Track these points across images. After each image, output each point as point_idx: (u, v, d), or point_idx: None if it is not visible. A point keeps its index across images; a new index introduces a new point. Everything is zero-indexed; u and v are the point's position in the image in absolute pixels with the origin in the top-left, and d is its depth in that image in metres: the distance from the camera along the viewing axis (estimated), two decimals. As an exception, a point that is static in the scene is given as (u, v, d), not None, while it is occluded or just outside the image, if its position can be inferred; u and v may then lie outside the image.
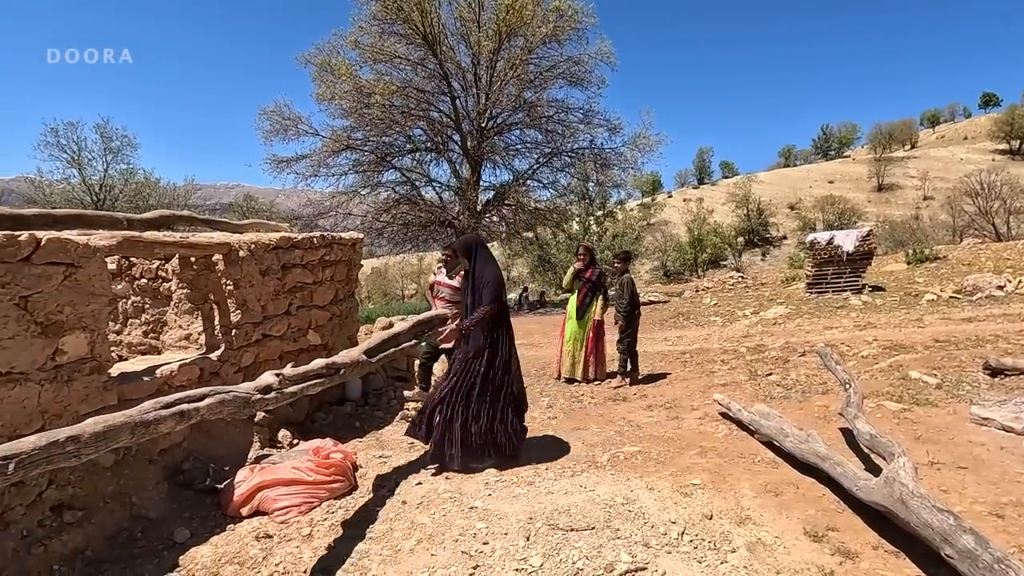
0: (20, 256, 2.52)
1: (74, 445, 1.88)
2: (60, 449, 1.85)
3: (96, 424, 1.97)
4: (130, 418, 2.08)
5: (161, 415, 2.20)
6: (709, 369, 6.46)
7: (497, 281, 3.78)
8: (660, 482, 3.32)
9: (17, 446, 1.77)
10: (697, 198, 58.49)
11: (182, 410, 2.29)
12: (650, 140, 17.80)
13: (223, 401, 2.51)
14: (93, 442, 1.94)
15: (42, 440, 1.81)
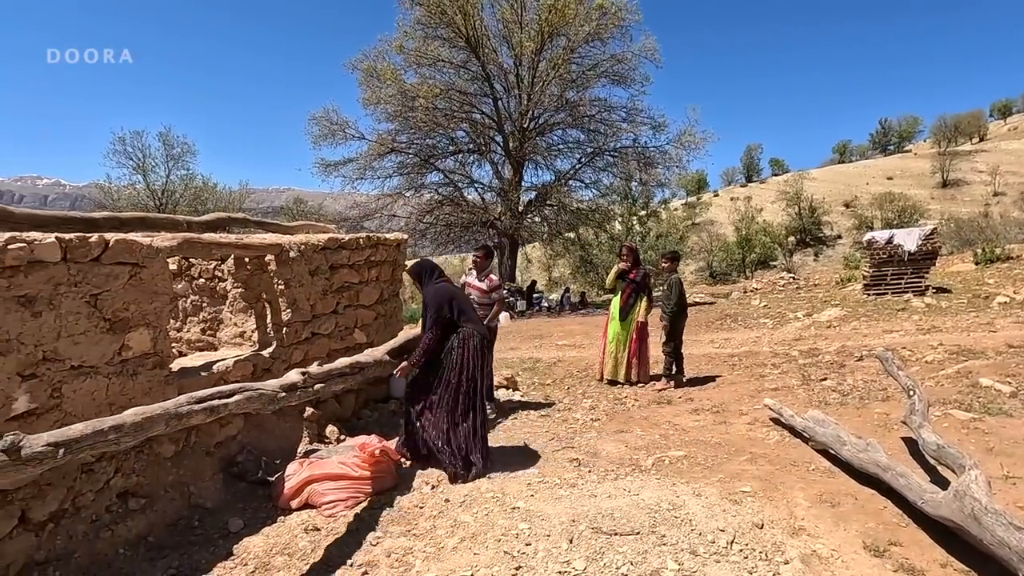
0: (91, 256, 2.68)
1: (116, 434, 1.99)
2: (103, 437, 1.95)
3: (136, 415, 2.08)
4: (165, 411, 2.18)
5: (193, 409, 2.31)
6: (759, 373, 6.23)
7: (435, 304, 3.76)
8: (707, 488, 3.22)
9: (66, 433, 1.88)
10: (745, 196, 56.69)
11: (212, 405, 2.39)
12: (696, 137, 17.37)
13: (250, 398, 2.60)
14: (132, 431, 2.04)
15: (88, 428, 1.92)
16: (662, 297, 6.14)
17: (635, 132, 18.00)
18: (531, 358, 8.34)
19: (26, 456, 1.76)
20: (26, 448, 1.77)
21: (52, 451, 1.81)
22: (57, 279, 2.53)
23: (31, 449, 1.78)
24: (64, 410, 2.57)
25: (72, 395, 2.60)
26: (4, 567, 2.35)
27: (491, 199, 19.02)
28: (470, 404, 3.71)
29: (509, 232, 17.82)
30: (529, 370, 7.36)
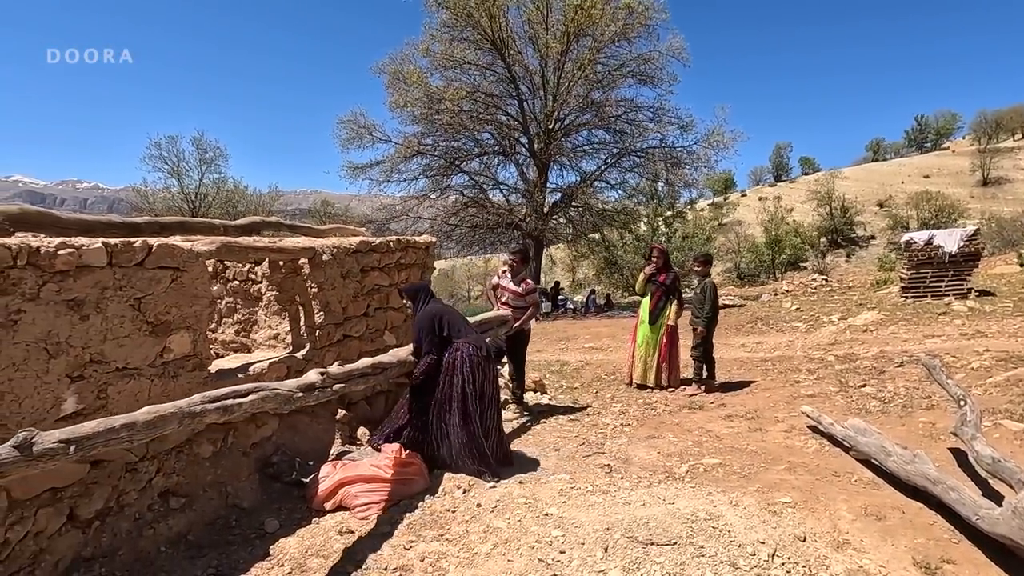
0: (135, 261, 2.75)
1: (128, 432, 2.03)
2: (115, 435, 1.99)
3: (148, 413, 2.12)
4: (179, 409, 2.21)
5: (207, 408, 2.33)
6: (794, 379, 6.08)
7: (428, 327, 3.73)
8: (745, 498, 3.14)
9: (77, 430, 1.92)
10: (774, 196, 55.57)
11: (226, 405, 2.41)
12: (724, 137, 17.08)
13: (265, 398, 2.61)
14: (145, 429, 2.08)
15: (100, 426, 1.96)
16: (694, 301, 6.04)
17: (662, 132, 17.81)
18: (558, 361, 8.30)
19: (37, 452, 1.80)
20: (38, 445, 1.81)
21: (63, 448, 1.85)
22: (104, 283, 2.60)
23: (42, 446, 1.82)
24: (109, 411, 2.63)
25: (117, 396, 2.67)
26: (54, 563, 2.42)
27: (516, 201, 19.01)
28: (470, 414, 3.65)
29: (534, 234, 17.78)
30: (556, 373, 7.32)
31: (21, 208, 2.74)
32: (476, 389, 3.67)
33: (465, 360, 3.67)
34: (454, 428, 3.67)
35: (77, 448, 1.90)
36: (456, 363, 3.68)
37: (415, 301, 3.98)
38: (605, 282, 31.60)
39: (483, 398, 3.71)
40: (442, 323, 3.78)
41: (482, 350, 3.79)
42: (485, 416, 3.71)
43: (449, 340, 3.75)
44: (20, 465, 1.78)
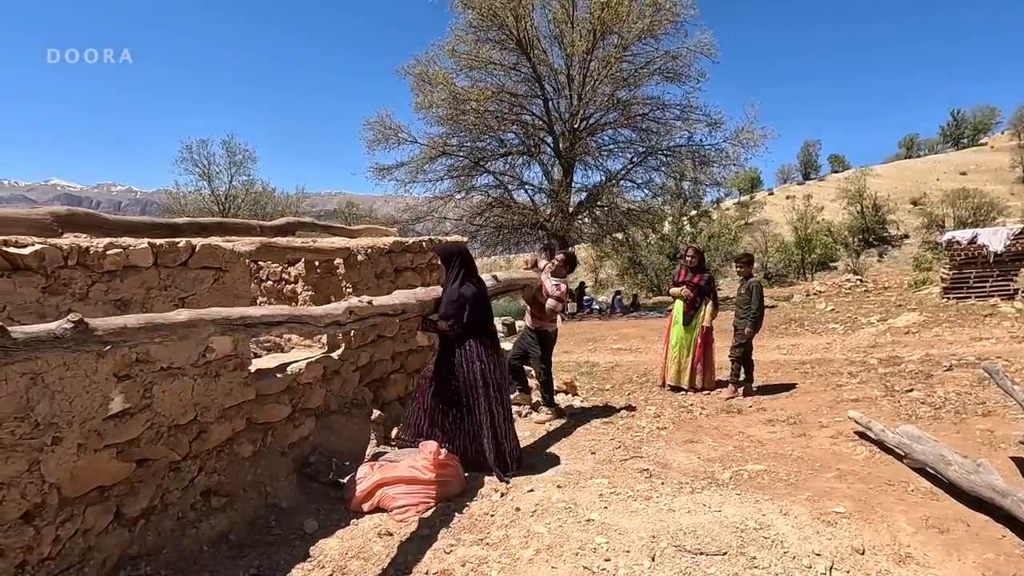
0: (179, 261, 2.76)
1: (163, 332, 2.06)
2: (152, 333, 2.03)
3: (181, 314, 2.15)
4: (213, 318, 2.22)
5: (246, 319, 2.36)
6: (835, 382, 5.88)
7: (448, 304, 3.65)
8: (795, 507, 3.02)
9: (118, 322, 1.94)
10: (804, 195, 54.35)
11: (257, 326, 2.43)
12: (755, 134, 16.68)
13: (292, 328, 2.66)
14: (180, 328, 2.10)
15: (140, 321, 2.00)
16: (738, 301, 5.86)
17: (690, 130, 17.48)
18: (587, 362, 8.20)
19: (91, 328, 1.85)
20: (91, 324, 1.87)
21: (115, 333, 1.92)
22: (149, 283, 2.62)
23: (94, 326, 1.87)
24: (154, 410, 2.65)
25: (162, 395, 2.68)
26: (102, 560, 2.44)
27: (541, 201, 18.92)
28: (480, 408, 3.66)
29: (559, 233, 17.65)
30: (587, 374, 7.22)
31: (70, 210, 2.78)
32: (489, 384, 3.67)
33: (479, 356, 3.66)
34: (469, 422, 3.68)
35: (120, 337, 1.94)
36: (471, 357, 3.66)
37: (448, 264, 3.83)
38: (629, 282, 31.30)
39: (496, 394, 3.70)
40: (465, 312, 3.70)
41: (494, 347, 3.78)
42: (497, 412, 3.70)
43: (466, 334, 3.71)
44: (69, 343, 1.80)
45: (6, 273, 2.11)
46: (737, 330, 5.78)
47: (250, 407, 3.21)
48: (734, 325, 5.89)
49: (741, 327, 5.77)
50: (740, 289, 5.92)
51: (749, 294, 5.75)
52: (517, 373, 5.37)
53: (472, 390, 3.67)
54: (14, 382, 2.13)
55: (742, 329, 5.74)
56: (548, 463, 3.93)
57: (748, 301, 5.74)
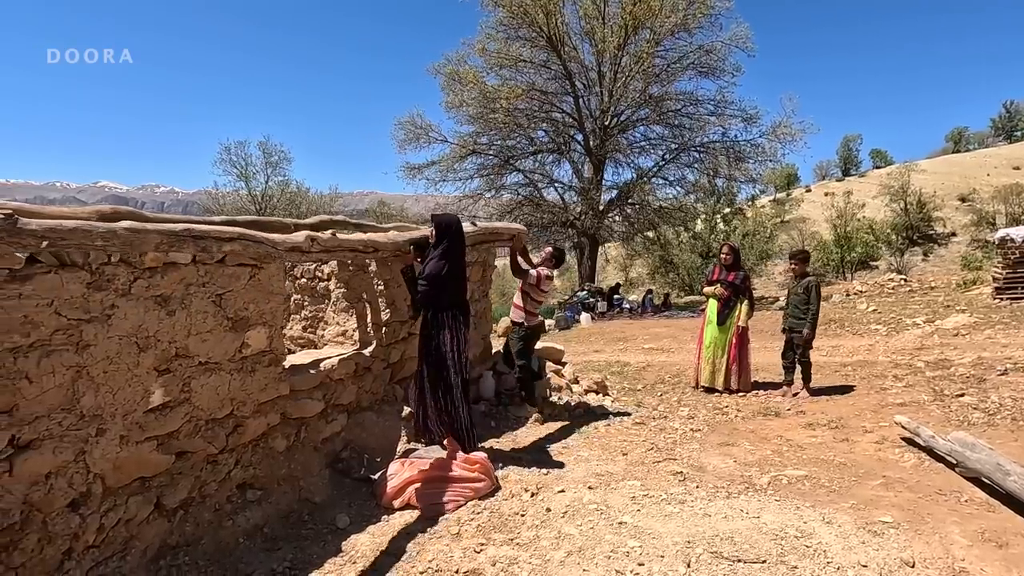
0: (216, 259, 2.81)
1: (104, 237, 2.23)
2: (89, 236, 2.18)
3: (122, 224, 2.32)
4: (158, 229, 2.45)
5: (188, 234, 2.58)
6: (879, 385, 5.65)
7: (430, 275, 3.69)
8: (839, 515, 2.89)
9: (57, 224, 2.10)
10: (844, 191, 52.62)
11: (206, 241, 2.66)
12: (792, 129, 16.24)
13: (246, 246, 2.88)
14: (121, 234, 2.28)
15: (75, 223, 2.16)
16: (794, 301, 5.60)
17: (724, 126, 17.14)
18: (618, 361, 8.09)
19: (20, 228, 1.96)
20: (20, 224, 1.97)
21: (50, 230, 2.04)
22: (188, 280, 2.67)
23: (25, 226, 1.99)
24: (193, 403, 2.71)
25: (200, 390, 2.74)
26: (143, 549, 2.50)
27: (571, 199, 18.80)
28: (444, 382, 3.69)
29: (589, 231, 17.52)
30: (617, 374, 7.12)
31: (114, 209, 2.86)
32: (458, 357, 3.71)
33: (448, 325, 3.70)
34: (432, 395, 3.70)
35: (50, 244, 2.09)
36: (440, 325, 3.69)
37: (441, 235, 3.79)
38: (660, 281, 30.85)
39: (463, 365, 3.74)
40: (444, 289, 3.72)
41: (464, 319, 3.82)
42: (463, 383, 3.73)
43: (441, 306, 3.73)
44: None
45: (54, 269, 2.18)
46: (794, 332, 5.56)
47: (284, 402, 3.25)
48: (787, 327, 5.67)
49: (798, 329, 5.55)
50: (795, 288, 5.67)
51: (807, 293, 5.51)
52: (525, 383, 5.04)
53: (443, 360, 3.69)
54: (61, 375, 2.20)
55: (799, 331, 5.52)
56: (579, 464, 3.88)
57: (806, 301, 5.50)
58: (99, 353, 2.32)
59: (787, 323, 5.73)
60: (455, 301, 3.80)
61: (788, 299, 5.84)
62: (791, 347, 5.70)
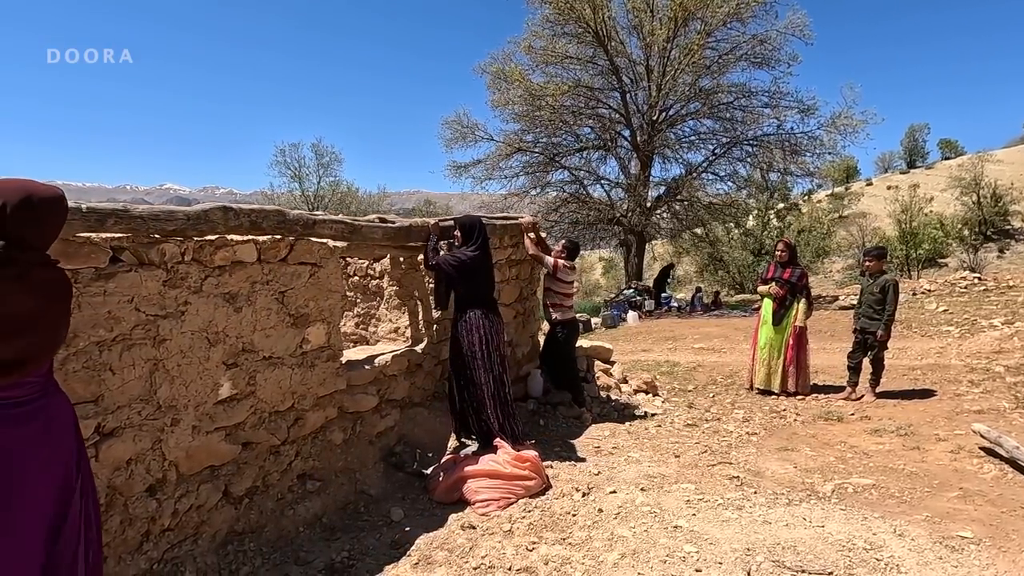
0: (279, 257, 2.92)
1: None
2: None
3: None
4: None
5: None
6: (952, 391, 5.31)
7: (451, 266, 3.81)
8: (911, 528, 2.74)
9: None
10: (908, 184, 49.67)
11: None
12: (853, 120, 15.40)
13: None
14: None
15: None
16: (868, 301, 5.34)
17: (779, 118, 16.41)
18: (667, 361, 7.93)
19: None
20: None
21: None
22: (253, 278, 2.79)
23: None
24: (258, 396, 2.82)
25: (264, 383, 2.85)
26: (212, 534, 2.63)
27: (617, 196, 18.54)
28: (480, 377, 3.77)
29: (636, 228, 17.22)
30: (667, 374, 6.98)
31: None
32: (489, 353, 3.76)
33: (478, 327, 3.77)
34: (471, 392, 3.78)
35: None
36: (470, 328, 3.78)
37: (466, 236, 3.92)
38: (709, 279, 30.03)
39: (498, 364, 3.81)
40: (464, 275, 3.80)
41: (495, 317, 3.90)
42: (498, 381, 3.80)
43: (467, 301, 3.84)
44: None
45: (134, 267, 2.31)
46: (867, 332, 5.30)
47: (341, 396, 3.35)
48: (859, 327, 5.40)
49: (871, 329, 5.28)
50: (870, 287, 5.39)
51: (883, 293, 5.24)
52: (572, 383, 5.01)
53: (471, 360, 3.77)
54: (140, 367, 2.34)
55: (873, 331, 5.27)
56: (629, 465, 3.82)
57: (881, 301, 5.24)
58: (173, 347, 2.45)
59: (859, 323, 5.45)
60: (484, 300, 3.89)
61: (861, 298, 5.55)
62: (861, 348, 5.42)
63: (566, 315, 5.03)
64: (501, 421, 3.78)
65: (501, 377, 3.85)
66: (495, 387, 3.79)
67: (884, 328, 5.18)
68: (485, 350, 3.78)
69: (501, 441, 3.66)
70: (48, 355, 1.57)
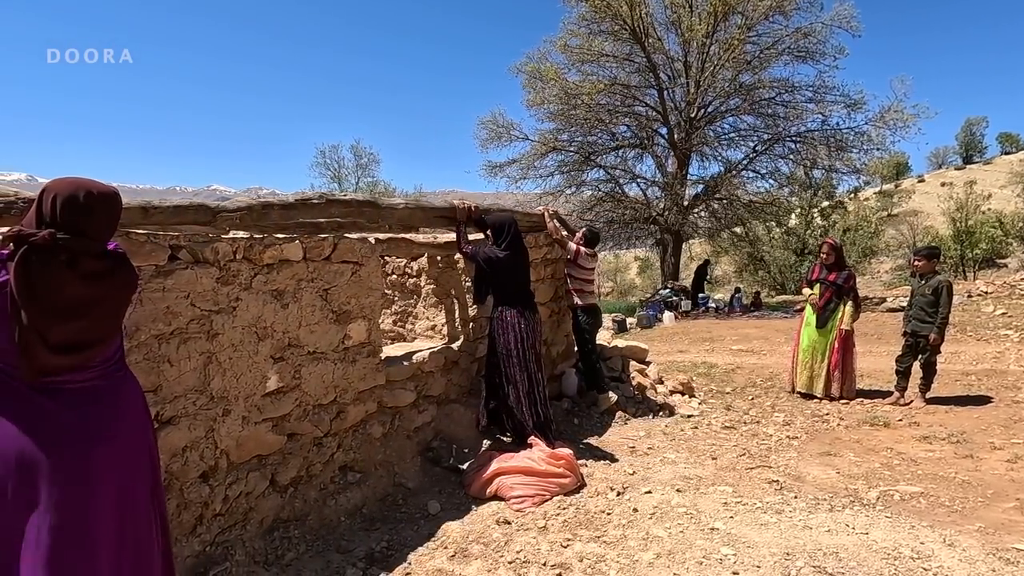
0: (323, 256, 3.03)
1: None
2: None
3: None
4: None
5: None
6: (1010, 398, 5.06)
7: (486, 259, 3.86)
8: (964, 538, 2.64)
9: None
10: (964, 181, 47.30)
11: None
12: (904, 114, 14.76)
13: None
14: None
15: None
16: (920, 303, 5.15)
17: (824, 113, 15.86)
18: (704, 363, 7.80)
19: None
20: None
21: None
22: (299, 275, 2.90)
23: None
24: (302, 390, 2.93)
25: (308, 377, 2.96)
26: (259, 520, 2.75)
27: (654, 194, 18.28)
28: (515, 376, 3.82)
29: (673, 228, 16.95)
30: (704, 376, 6.87)
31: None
32: (524, 351, 3.80)
33: (513, 326, 3.81)
34: (505, 389, 3.83)
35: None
36: (504, 327, 3.82)
37: (498, 235, 3.94)
38: (748, 279, 29.30)
39: (533, 362, 3.85)
40: (496, 272, 3.85)
41: (530, 314, 3.94)
42: (533, 380, 3.84)
43: (503, 298, 3.89)
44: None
45: (190, 266, 2.44)
46: (918, 336, 5.13)
47: (380, 391, 3.44)
48: (910, 330, 5.22)
49: (923, 332, 5.10)
50: (922, 288, 5.19)
51: (936, 295, 5.04)
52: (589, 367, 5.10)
53: (506, 358, 3.82)
54: (195, 359, 2.46)
55: (924, 334, 5.08)
56: (665, 465, 3.79)
57: (934, 303, 5.05)
58: (225, 341, 2.57)
59: (909, 326, 5.24)
60: (519, 297, 3.94)
61: (911, 299, 5.34)
62: (911, 351, 5.22)
63: (587, 300, 5.16)
64: (536, 419, 3.81)
65: (536, 375, 3.88)
66: (529, 385, 3.84)
67: (937, 331, 4.97)
68: (520, 348, 3.82)
69: (536, 439, 3.69)
70: (104, 340, 1.64)
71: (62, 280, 1.50)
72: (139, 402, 1.74)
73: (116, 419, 1.62)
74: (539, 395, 3.89)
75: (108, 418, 1.60)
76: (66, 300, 1.51)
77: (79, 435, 1.53)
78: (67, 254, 1.51)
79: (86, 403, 1.57)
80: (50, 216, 1.52)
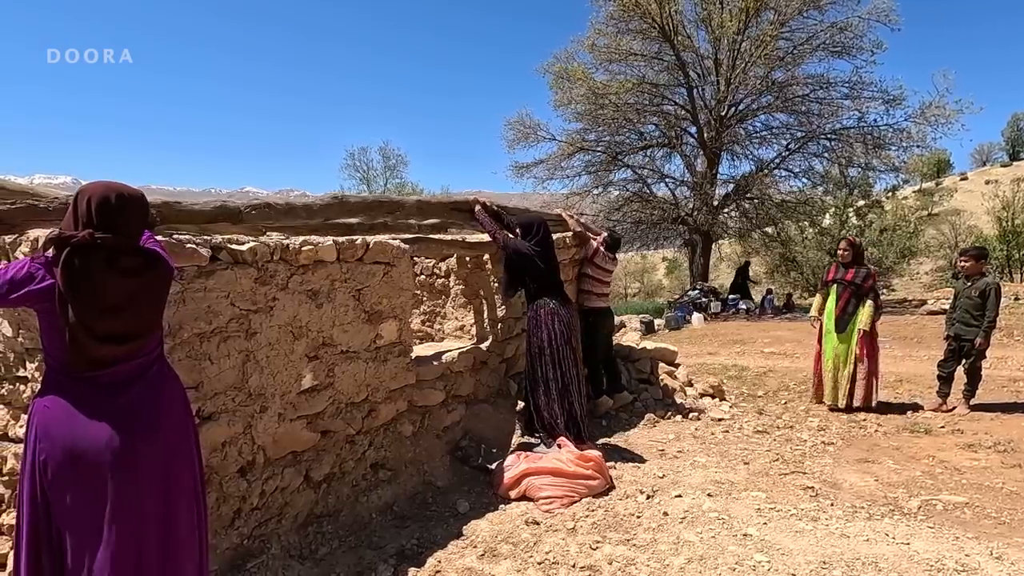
0: (356, 257, 3.08)
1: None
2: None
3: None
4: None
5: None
6: (1061, 405, 4.83)
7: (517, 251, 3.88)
8: (1012, 551, 2.54)
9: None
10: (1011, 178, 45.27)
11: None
12: (946, 110, 14.23)
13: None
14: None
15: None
16: (965, 305, 4.94)
17: (861, 109, 15.40)
18: (735, 365, 7.66)
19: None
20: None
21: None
22: (333, 276, 2.96)
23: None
24: (336, 388, 3.00)
25: (341, 376, 3.02)
26: (294, 515, 2.81)
27: (683, 194, 18.04)
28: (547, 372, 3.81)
29: (703, 228, 16.69)
30: (735, 379, 6.75)
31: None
32: (558, 347, 3.78)
33: (546, 322, 3.81)
34: (536, 386, 3.83)
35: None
36: (538, 323, 3.83)
37: (527, 234, 3.96)
38: (780, 280, 28.64)
39: (568, 356, 3.82)
40: (528, 264, 3.85)
41: (566, 307, 3.93)
42: (566, 376, 3.80)
43: (536, 294, 3.90)
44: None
45: (230, 266, 2.52)
46: (963, 340, 4.94)
47: (411, 391, 3.49)
48: (953, 333, 5.01)
49: (968, 336, 4.90)
50: (967, 291, 4.97)
51: (983, 298, 4.82)
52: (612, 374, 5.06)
53: (539, 356, 3.82)
54: (234, 357, 2.54)
55: (969, 339, 4.89)
56: (695, 469, 3.75)
57: (980, 306, 4.84)
58: (263, 340, 2.64)
59: (953, 329, 5.03)
60: (554, 288, 3.95)
61: (956, 302, 5.11)
62: (955, 356, 5.01)
63: (594, 303, 5.01)
64: (567, 419, 3.80)
65: (570, 371, 3.84)
66: (562, 383, 3.81)
67: (984, 335, 4.76)
68: (554, 345, 3.81)
69: (564, 440, 3.69)
70: (146, 332, 1.73)
71: (104, 276, 1.59)
72: (181, 395, 1.81)
73: (160, 408, 1.69)
74: (574, 392, 3.86)
75: (153, 407, 1.68)
76: (109, 294, 1.60)
77: (127, 424, 1.61)
78: (106, 252, 1.59)
79: (131, 393, 1.65)
80: (86, 217, 1.61)
